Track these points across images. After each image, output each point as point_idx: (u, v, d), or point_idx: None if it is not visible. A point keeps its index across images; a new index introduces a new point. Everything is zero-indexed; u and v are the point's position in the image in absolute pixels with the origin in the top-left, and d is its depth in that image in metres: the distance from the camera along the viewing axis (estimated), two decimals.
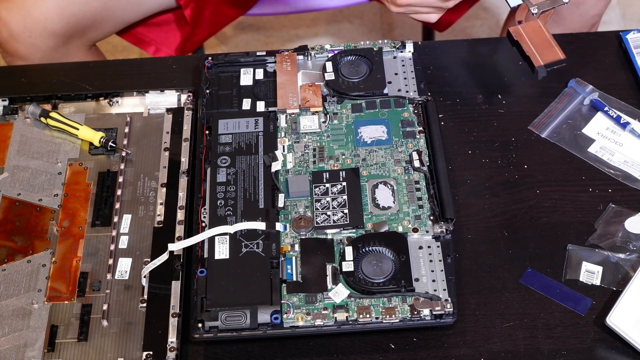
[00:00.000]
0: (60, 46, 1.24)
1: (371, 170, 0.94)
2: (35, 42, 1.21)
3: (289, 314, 0.83)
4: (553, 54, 0.88)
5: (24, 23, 1.20)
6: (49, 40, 1.22)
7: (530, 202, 0.95)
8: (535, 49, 0.89)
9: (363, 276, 0.85)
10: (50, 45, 1.22)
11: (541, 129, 1.01)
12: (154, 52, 1.39)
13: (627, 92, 1.04)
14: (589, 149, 0.99)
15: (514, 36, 0.90)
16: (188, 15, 1.31)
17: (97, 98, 1.04)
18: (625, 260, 0.90)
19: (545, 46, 0.89)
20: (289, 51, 1.04)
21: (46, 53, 1.23)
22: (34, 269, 0.90)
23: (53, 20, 1.20)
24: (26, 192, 0.96)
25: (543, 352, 0.84)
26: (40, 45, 1.22)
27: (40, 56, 1.23)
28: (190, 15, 1.31)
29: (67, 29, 1.23)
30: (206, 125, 0.98)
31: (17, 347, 0.84)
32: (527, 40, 0.90)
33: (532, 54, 0.89)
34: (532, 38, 0.90)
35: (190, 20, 1.32)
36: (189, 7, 1.30)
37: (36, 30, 1.20)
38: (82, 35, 1.26)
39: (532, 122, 1.01)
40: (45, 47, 1.22)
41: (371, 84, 1.01)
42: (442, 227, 0.89)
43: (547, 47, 0.88)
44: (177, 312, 0.85)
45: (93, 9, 1.24)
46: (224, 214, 0.90)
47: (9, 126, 1.02)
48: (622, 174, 0.97)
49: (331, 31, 2.05)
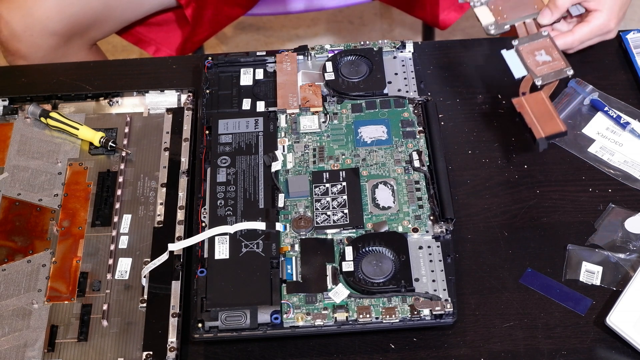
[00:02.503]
0: (61, 45, 1.24)
1: (371, 170, 0.94)
2: (36, 41, 1.21)
3: (289, 314, 0.83)
4: (554, 126, 0.90)
5: (24, 22, 1.20)
6: (50, 40, 1.22)
7: (530, 202, 0.95)
8: (537, 121, 0.90)
9: (363, 276, 0.85)
10: (51, 45, 1.23)
11: None
12: (154, 52, 1.39)
13: (627, 92, 1.04)
14: (589, 149, 0.99)
15: (517, 108, 0.92)
16: (189, 15, 1.31)
17: (97, 98, 1.04)
18: (625, 260, 0.90)
19: (547, 118, 0.90)
20: (289, 51, 1.04)
21: (47, 52, 1.23)
22: (34, 269, 0.90)
23: (54, 20, 1.21)
24: (26, 192, 0.96)
25: (543, 352, 0.84)
26: (41, 45, 1.22)
27: (41, 55, 1.23)
28: (191, 14, 1.31)
29: (68, 28, 1.23)
30: (206, 125, 0.98)
31: (17, 347, 0.84)
32: (530, 112, 0.91)
33: (533, 126, 0.90)
34: (534, 110, 0.91)
35: (191, 19, 1.32)
36: (190, 7, 1.30)
37: (37, 30, 1.20)
38: (82, 34, 1.26)
39: None
40: (46, 46, 1.22)
41: (371, 84, 1.01)
42: (442, 227, 0.89)
43: (549, 119, 0.90)
44: (177, 312, 0.85)
45: (93, 9, 1.24)
46: (224, 214, 0.90)
47: (9, 126, 1.02)
48: (622, 174, 0.97)
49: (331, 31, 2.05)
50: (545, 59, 0.96)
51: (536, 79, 0.95)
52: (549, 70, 0.95)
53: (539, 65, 0.95)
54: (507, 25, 1.00)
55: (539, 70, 0.95)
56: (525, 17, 1.00)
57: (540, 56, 0.96)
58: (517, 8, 1.01)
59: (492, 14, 1.01)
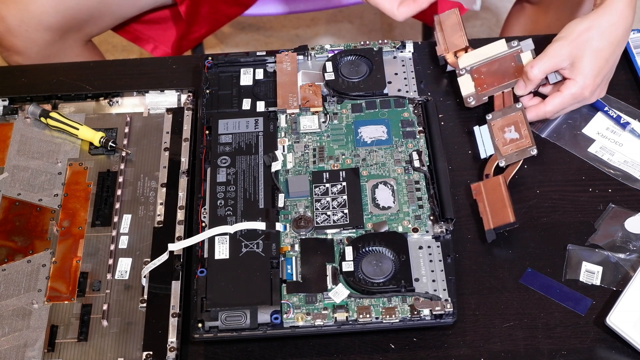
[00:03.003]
0: (56, 41, 1.24)
1: (371, 170, 0.94)
2: (32, 36, 1.21)
3: (289, 314, 0.83)
4: (504, 217, 0.90)
5: (20, 17, 1.19)
6: (46, 35, 1.22)
7: (530, 202, 0.95)
8: (490, 210, 0.91)
9: (363, 276, 0.85)
10: (47, 40, 1.22)
11: (541, 129, 1.01)
12: (152, 49, 1.39)
13: (627, 92, 1.04)
14: (589, 149, 0.99)
15: (473, 194, 0.93)
16: (183, 12, 1.31)
17: (97, 98, 1.04)
18: (625, 260, 0.90)
19: (500, 207, 0.91)
20: (289, 51, 1.04)
21: (42, 47, 1.23)
22: (34, 269, 0.90)
23: (49, 14, 1.20)
24: (26, 192, 0.96)
25: (543, 352, 0.84)
26: (36, 40, 1.21)
27: (36, 50, 1.23)
28: (185, 11, 1.31)
29: (64, 23, 1.22)
30: (206, 125, 0.98)
31: (17, 347, 0.84)
32: (484, 199, 0.92)
33: (484, 216, 0.91)
34: (489, 196, 0.92)
35: (185, 16, 1.31)
36: (184, 4, 1.30)
37: (32, 24, 1.20)
38: (78, 29, 1.26)
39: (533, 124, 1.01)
40: (41, 41, 1.22)
41: (371, 84, 1.01)
42: (442, 227, 0.89)
43: (501, 207, 0.90)
44: (177, 312, 0.85)
45: (89, 3, 1.24)
46: (224, 214, 0.90)
47: (9, 126, 1.02)
48: (622, 174, 0.97)
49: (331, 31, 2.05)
50: (513, 136, 0.96)
51: (500, 160, 0.96)
52: (515, 149, 0.95)
53: (505, 144, 0.96)
54: (485, 96, 1.01)
55: (505, 150, 0.96)
56: (505, 85, 1.01)
57: (509, 133, 0.97)
58: (498, 75, 1.01)
59: (474, 83, 1.02)
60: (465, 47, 1.04)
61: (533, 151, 0.95)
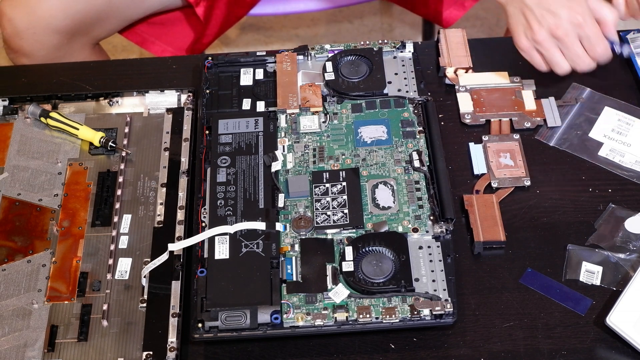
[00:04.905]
0: (64, 44, 1.24)
1: (371, 170, 0.94)
2: (40, 39, 1.21)
3: (289, 314, 0.83)
4: (495, 234, 0.90)
5: (28, 20, 1.20)
6: (53, 38, 1.22)
7: (530, 202, 0.95)
8: (481, 224, 0.91)
9: (363, 276, 0.85)
10: (55, 43, 1.22)
11: (548, 137, 1.00)
12: (161, 52, 1.38)
13: (627, 92, 1.04)
14: (599, 153, 0.99)
15: (465, 205, 0.93)
16: (201, 14, 1.30)
17: (97, 98, 1.04)
18: (625, 260, 0.90)
19: (491, 224, 0.91)
20: (289, 51, 1.04)
21: (50, 50, 1.23)
22: (34, 269, 0.90)
23: (57, 18, 1.21)
24: (26, 192, 0.96)
25: (543, 352, 0.84)
26: (44, 42, 1.22)
27: (44, 53, 1.23)
28: (202, 13, 1.30)
29: (71, 26, 1.23)
30: (206, 125, 0.98)
31: (17, 347, 0.84)
32: (476, 212, 0.92)
33: (475, 227, 0.91)
34: (481, 211, 0.92)
35: (203, 19, 1.31)
36: (201, 5, 1.29)
37: (40, 27, 1.20)
38: (86, 32, 1.26)
39: (538, 131, 1.00)
40: (49, 44, 1.22)
41: (371, 84, 1.01)
42: (442, 227, 0.89)
43: (492, 225, 0.91)
44: (177, 312, 0.85)
45: (97, 6, 1.24)
46: (224, 214, 0.90)
47: (9, 126, 1.02)
48: (637, 175, 0.96)
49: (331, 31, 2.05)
50: (508, 162, 0.97)
51: (493, 181, 0.95)
52: (508, 175, 0.96)
53: (500, 168, 0.96)
54: (483, 119, 1.01)
55: (498, 173, 0.96)
56: (502, 114, 1.01)
57: (504, 158, 0.97)
58: (497, 105, 1.02)
59: (473, 103, 1.02)
60: (469, 68, 1.04)
61: (527, 182, 0.95)
